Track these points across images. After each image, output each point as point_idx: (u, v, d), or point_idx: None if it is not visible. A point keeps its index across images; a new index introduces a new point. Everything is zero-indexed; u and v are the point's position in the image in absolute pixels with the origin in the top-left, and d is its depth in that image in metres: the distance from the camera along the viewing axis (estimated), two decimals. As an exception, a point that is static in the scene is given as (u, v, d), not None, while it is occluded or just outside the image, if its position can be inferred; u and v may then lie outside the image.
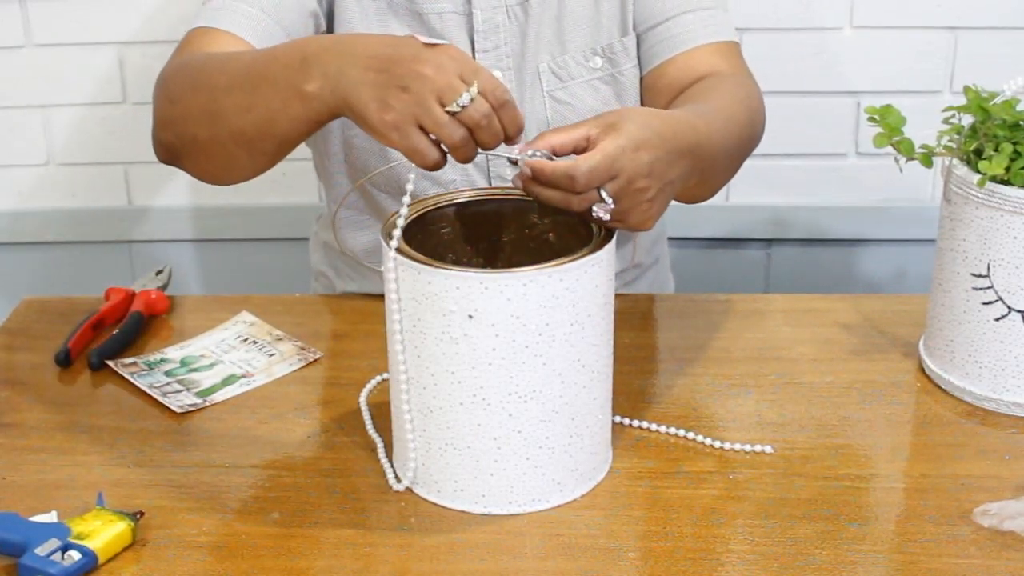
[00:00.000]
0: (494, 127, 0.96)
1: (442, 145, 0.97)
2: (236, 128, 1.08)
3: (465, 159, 0.97)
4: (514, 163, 1.00)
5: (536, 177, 0.98)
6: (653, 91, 1.33)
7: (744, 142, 1.24)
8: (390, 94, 0.95)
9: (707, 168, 1.12)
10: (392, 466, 1.05)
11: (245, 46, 1.21)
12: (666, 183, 1.02)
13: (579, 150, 1.00)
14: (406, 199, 0.97)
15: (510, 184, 1.35)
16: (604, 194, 0.98)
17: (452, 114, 0.94)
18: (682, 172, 1.05)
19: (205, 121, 1.11)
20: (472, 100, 0.94)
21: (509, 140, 0.98)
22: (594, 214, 0.99)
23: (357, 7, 1.32)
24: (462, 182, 1.34)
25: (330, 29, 1.34)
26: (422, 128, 0.95)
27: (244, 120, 1.07)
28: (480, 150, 0.98)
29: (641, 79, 1.36)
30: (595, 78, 1.34)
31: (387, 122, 0.95)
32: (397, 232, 0.97)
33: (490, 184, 1.36)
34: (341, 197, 1.44)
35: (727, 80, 1.29)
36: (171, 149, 1.18)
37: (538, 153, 0.99)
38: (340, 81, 0.99)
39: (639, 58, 1.35)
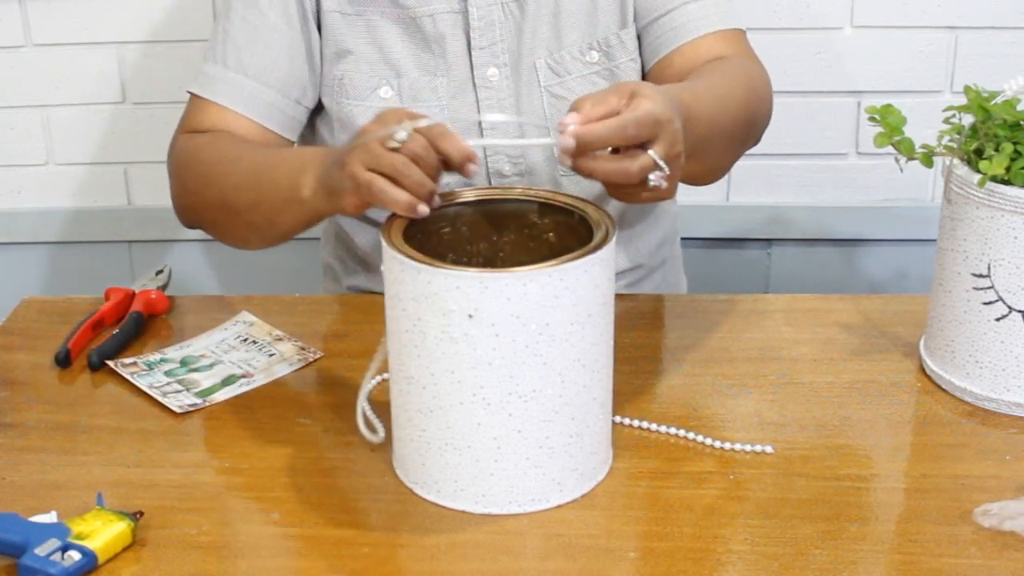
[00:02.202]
0: (432, 160, 1.00)
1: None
2: (247, 220, 1.24)
3: (427, 198, 1.00)
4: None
5: (585, 147, 0.96)
6: (660, 82, 1.33)
7: (742, 122, 1.24)
8: (347, 159, 1.03)
9: (698, 142, 1.10)
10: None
11: (240, 119, 1.31)
12: (683, 151, 1.02)
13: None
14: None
15: (510, 184, 1.36)
16: (658, 159, 0.97)
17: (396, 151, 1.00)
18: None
19: (220, 212, 1.27)
20: (409, 136, 0.99)
21: (459, 168, 1.01)
22: (651, 182, 0.98)
23: (344, 24, 1.31)
24: (457, 183, 1.34)
25: (320, 51, 1.34)
26: (379, 172, 1.00)
27: (253, 215, 1.22)
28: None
29: (648, 71, 1.36)
30: (592, 72, 1.34)
31: (351, 180, 1.03)
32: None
33: (489, 183, 1.36)
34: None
35: (726, 62, 1.29)
36: (196, 224, 1.36)
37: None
38: (324, 180, 1.09)
39: (643, 50, 1.35)
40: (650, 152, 0.97)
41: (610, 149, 0.99)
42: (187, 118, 1.34)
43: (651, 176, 0.98)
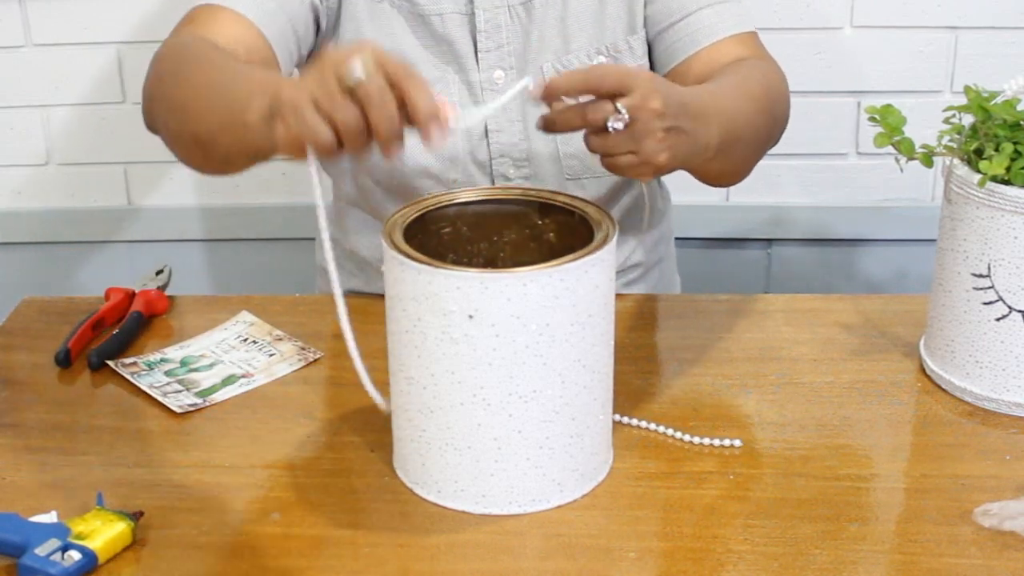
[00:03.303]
0: (387, 108, 0.87)
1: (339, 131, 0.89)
2: (193, 130, 1.09)
3: (358, 149, 0.89)
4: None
5: (551, 92, 0.98)
6: None
7: (764, 119, 1.24)
8: (297, 82, 0.92)
9: (724, 139, 1.11)
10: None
11: (247, 25, 1.23)
12: (677, 125, 1.02)
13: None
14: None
15: (511, 184, 1.36)
16: (619, 105, 0.98)
17: (349, 92, 0.87)
18: (693, 129, 1.05)
19: (173, 114, 1.14)
20: (367, 74, 0.86)
21: (417, 122, 0.88)
22: (609, 125, 0.99)
23: (363, 8, 1.32)
24: (464, 182, 1.35)
25: (335, 28, 1.34)
26: (317, 106, 0.88)
27: (199, 125, 1.08)
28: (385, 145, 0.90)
29: (664, 77, 1.35)
30: None
31: (285, 104, 0.90)
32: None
33: (492, 184, 1.36)
34: (345, 194, 1.45)
35: (744, 63, 1.29)
36: (151, 124, 1.22)
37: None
38: (270, 107, 0.95)
39: (658, 56, 1.35)
40: (617, 103, 0.99)
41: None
42: (193, 17, 1.25)
43: (610, 120, 0.99)
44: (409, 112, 0.88)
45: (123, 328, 1.26)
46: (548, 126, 1.02)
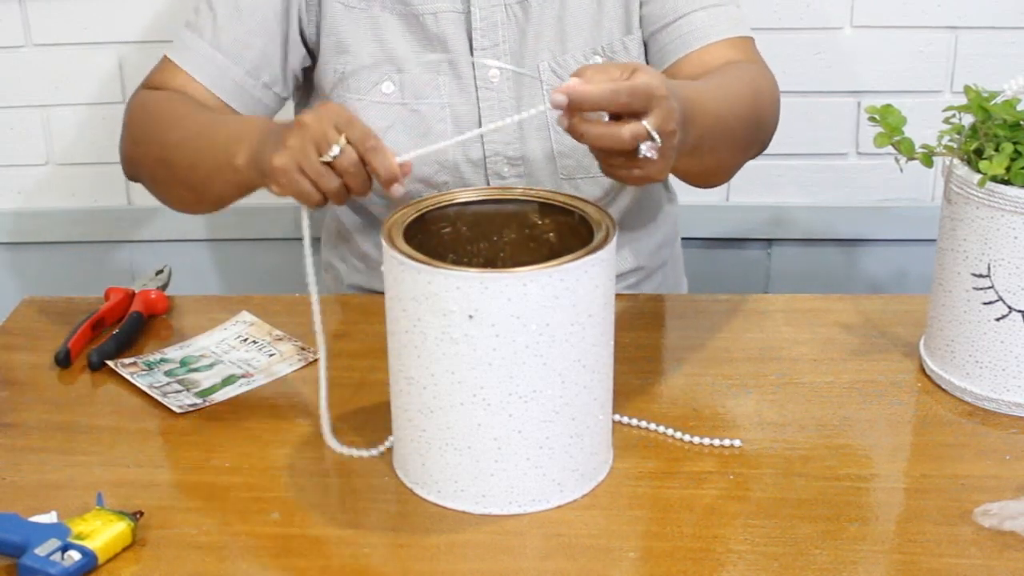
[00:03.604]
0: (361, 176, 1.03)
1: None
2: (183, 178, 1.24)
3: (341, 203, 1.06)
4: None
5: (577, 105, 0.96)
6: None
7: (747, 122, 1.23)
8: (280, 147, 1.04)
9: (703, 137, 1.10)
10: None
11: (198, 87, 1.32)
12: (678, 137, 1.02)
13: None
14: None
15: (509, 184, 1.36)
16: (651, 129, 0.96)
17: (328, 165, 1.02)
18: (684, 134, 1.04)
19: (160, 168, 1.28)
20: (341, 150, 1.01)
21: (384, 186, 1.03)
22: (642, 152, 0.97)
23: (344, 16, 1.32)
24: (454, 184, 1.35)
25: (318, 44, 1.34)
26: (303, 173, 1.03)
27: (190, 174, 1.23)
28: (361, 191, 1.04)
29: None
30: None
31: (276, 169, 1.04)
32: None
33: (487, 184, 1.36)
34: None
35: (734, 65, 1.29)
36: (134, 177, 1.36)
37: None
38: (257, 154, 1.10)
39: (651, 57, 1.35)
40: (644, 122, 0.97)
41: (607, 118, 0.99)
42: (155, 75, 1.36)
43: (642, 146, 0.97)
44: (372, 175, 1.03)
45: (123, 328, 1.26)
46: (574, 135, 0.99)
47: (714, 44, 1.30)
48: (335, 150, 1.01)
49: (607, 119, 0.98)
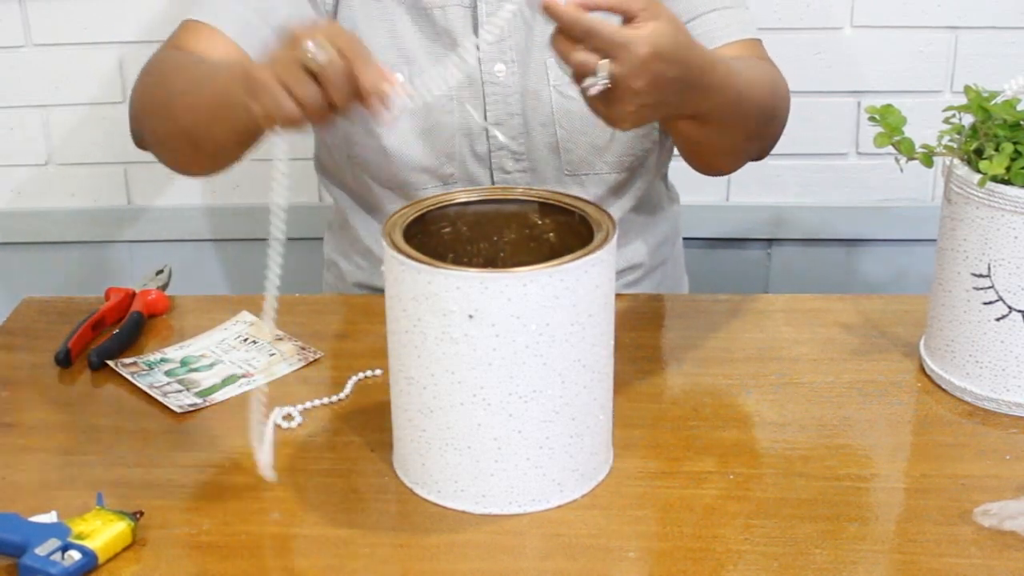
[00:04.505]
0: (345, 89, 0.95)
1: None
2: (183, 126, 1.17)
3: (318, 123, 0.97)
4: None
5: (550, 13, 0.98)
6: None
7: (764, 112, 1.25)
8: (264, 61, 0.98)
9: (718, 111, 1.11)
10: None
11: (228, 43, 1.27)
12: (659, 101, 1.02)
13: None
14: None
15: (511, 183, 1.36)
16: (600, 70, 0.98)
17: (311, 74, 0.94)
18: (683, 97, 1.05)
19: (161, 116, 1.22)
20: (329, 60, 0.94)
21: (364, 98, 0.95)
22: (584, 84, 0.99)
23: (359, 3, 1.32)
24: (461, 177, 1.35)
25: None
26: (283, 84, 0.95)
27: (189, 119, 1.16)
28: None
29: None
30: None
31: (256, 80, 0.97)
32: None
33: (491, 179, 1.36)
34: (344, 194, 1.45)
35: (755, 59, 1.30)
36: (139, 136, 1.31)
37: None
38: (246, 74, 1.01)
39: None
40: (600, 62, 0.98)
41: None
42: (175, 36, 1.31)
43: (587, 80, 0.98)
44: (360, 87, 0.95)
45: (123, 328, 1.26)
46: (552, 42, 1.00)
47: (727, 45, 1.31)
48: (321, 55, 0.94)
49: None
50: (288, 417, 1.13)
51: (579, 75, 0.99)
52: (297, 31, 0.97)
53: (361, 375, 1.19)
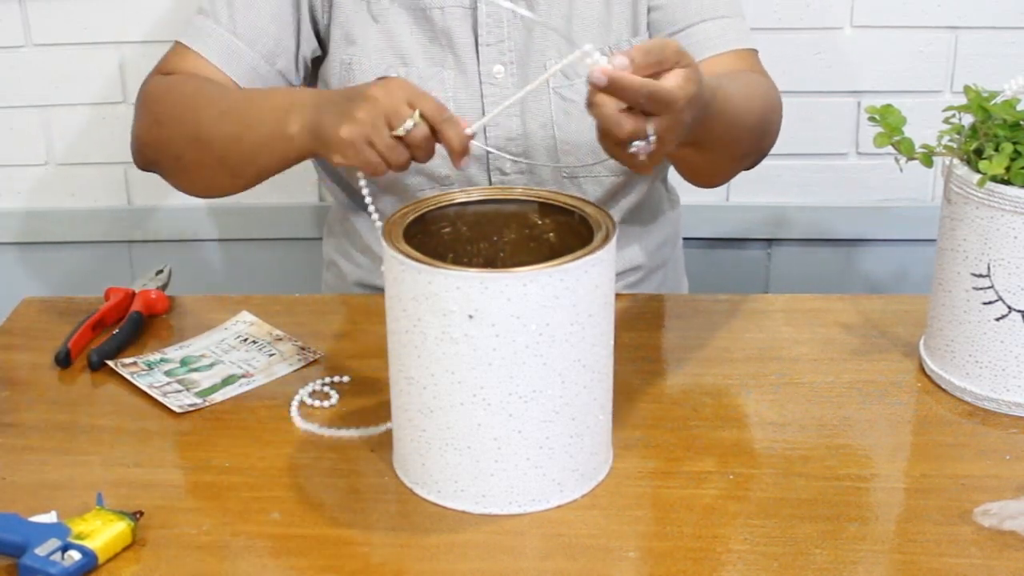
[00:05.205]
0: (430, 148, 1.06)
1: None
2: (222, 155, 1.22)
3: (402, 171, 1.08)
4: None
5: (611, 84, 0.95)
6: None
7: (756, 130, 1.25)
8: (348, 119, 1.07)
9: (712, 137, 1.12)
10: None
11: (215, 70, 1.31)
12: (675, 143, 1.02)
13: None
14: None
15: (510, 184, 1.36)
16: (651, 132, 0.97)
17: (397, 137, 1.05)
18: (689, 133, 1.04)
19: (192, 146, 1.24)
20: (415, 125, 1.04)
21: (456, 155, 1.06)
22: (631, 148, 0.98)
23: (353, 7, 1.32)
24: (458, 176, 1.35)
25: (328, 33, 1.35)
26: (372, 145, 1.06)
27: (231, 149, 1.21)
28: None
29: None
30: None
31: (344, 140, 1.06)
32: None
33: (489, 180, 1.36)
34: (344, 193, 1.45)
35: (747, 73, 1.30)
36: (153, 163, 1.32)
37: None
38: (316, 124, 1.11)
39: None
40: (648, 124, 0.97)
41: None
42: (166, 61, 1.34)
43: (636, 143, 0.98)
44: (445, 147, 1.06)
45: (123, 328, 1.26)
46: (589, 100, 0.98)
47: (722, 55, 1.31)
48: (409, 124, 1.04)
49: None
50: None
51: (628, 141, 0.98)
52: (375, 93, 1.06)
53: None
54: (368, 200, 1.09)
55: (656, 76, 0.97)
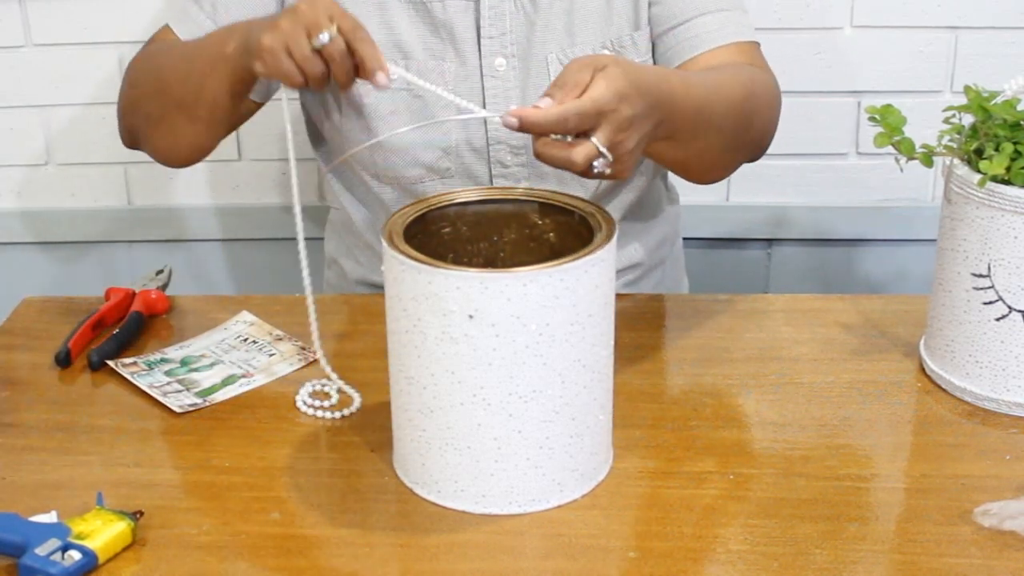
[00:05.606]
0: (346, 65, 1.10)
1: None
2: (177, 97, 1.26)
3: (319, 89, 1.12)
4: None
5: (528, 130, 1.00)
6: None
7: (736, 118, 1.24)
8: (270, 28, 1.11)
9: (684, 127, 1.12)
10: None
11: None
12: (643, 135, 1.04)
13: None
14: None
15: (509, 177, 1.36)
16: (601, 148, 0.99)
17: (315, 50, 1.09)
18: (654, 123, 1.06)
19: (154, 97, 1.30)
20: (331, 39, 1.08)
21: (367, 74, 1.10)
22: (595, 169, 1.00)
23: (352, 2, 1.32)
24: (459, 171, 1.35)
25: None
26: (290, 55, 1.09)
27: (183, 89, 1.25)
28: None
29: None
30: None
31: (264, 47, 1.10)
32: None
33: (490, 172, 1.36)
34: (344, 190, 1.45)
35: (733, 65, 1.30)
36: (132, 130, 1.37)
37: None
38: (246, 37, 1.16)
39: (658, 57, 1.35)
40: (592, 140, 1.00)
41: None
42: (151, 40, 1.38)
43: (596, 163, 1.00)
44: (358, 63, 1.10)
45: (123, 328, 1.26)
46: (539, 158, 1.02)
47: (721, 48, 1.31)
48: (325, 36, 1.08)
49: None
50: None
51: (586, 166, 1.00)
52: (299, 6, 1.09)
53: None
54: (285, 110, 1.12)
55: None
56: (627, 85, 1.01)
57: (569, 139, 1.00)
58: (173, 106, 1.27)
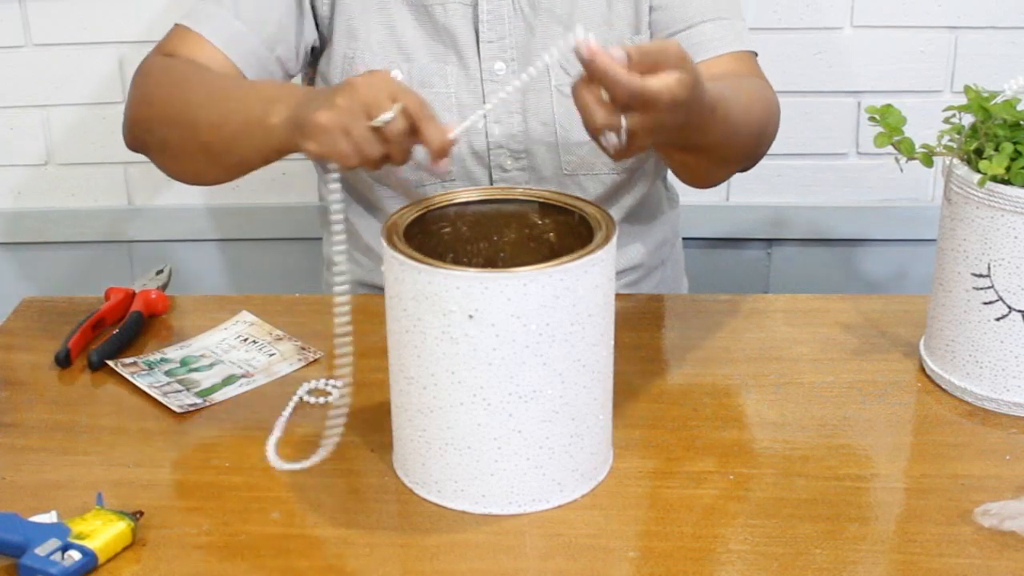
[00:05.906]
0: (405, 146, 1.02)
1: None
2: (204, 140, 1.19)
3: (374, 170, 1.04)
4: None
5: (590, 63, 0.95)
6: None
7: (754, 136, 1.25)
8: (327, 105, 1.02)
9: (702, 144, 1.11)
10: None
11: (218, 54, 1.30)
12: (663, 139, 1.02)
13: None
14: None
15: (509, 182, 1.36)
16: (623, 128, 0.96)
17: (375, 130, 1.00)
18: (680, 132, 1.04)
19: (178, 129, 1.22)
20: (394, 117, 1.00)
21: (434, 155, 1.02)
22: (602, 139, 0.98)
23: (358, 3, 1.33)
24: (458, 174, 1.35)
25: (330, 26, 1.35)
26: (348, 134, 1.01)
27: (212, 135, 1.18)
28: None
29: None
30: None
31: (319, 126, 1.02)
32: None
33: (490, 176, 1.36)
34: (344, 192, 1.45)
35: (747, 78, 1.30)
36: (142, 143, 1.30)
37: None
38: (297, 112, 1.06)
39: None
40: (623, 119, 0.96)
41: None
42: (166, 42, 1.33)
43: (608, 135, 0.97)
44: (424, 146, 1.02)
45: (123, 328, 1.26)
46: (572, 90, 0.98)
47: (721, 56, 1.31)
48: (388, 115, 1.00)
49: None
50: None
51: (598, 132, 0.98)
52: (357, 82, 1.02)
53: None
54: (336, 199, 1.03)
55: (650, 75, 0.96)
56: (688, 98, 0.98)
57: (606, 97, 0.96)
58: (197, 146, 1.21)
